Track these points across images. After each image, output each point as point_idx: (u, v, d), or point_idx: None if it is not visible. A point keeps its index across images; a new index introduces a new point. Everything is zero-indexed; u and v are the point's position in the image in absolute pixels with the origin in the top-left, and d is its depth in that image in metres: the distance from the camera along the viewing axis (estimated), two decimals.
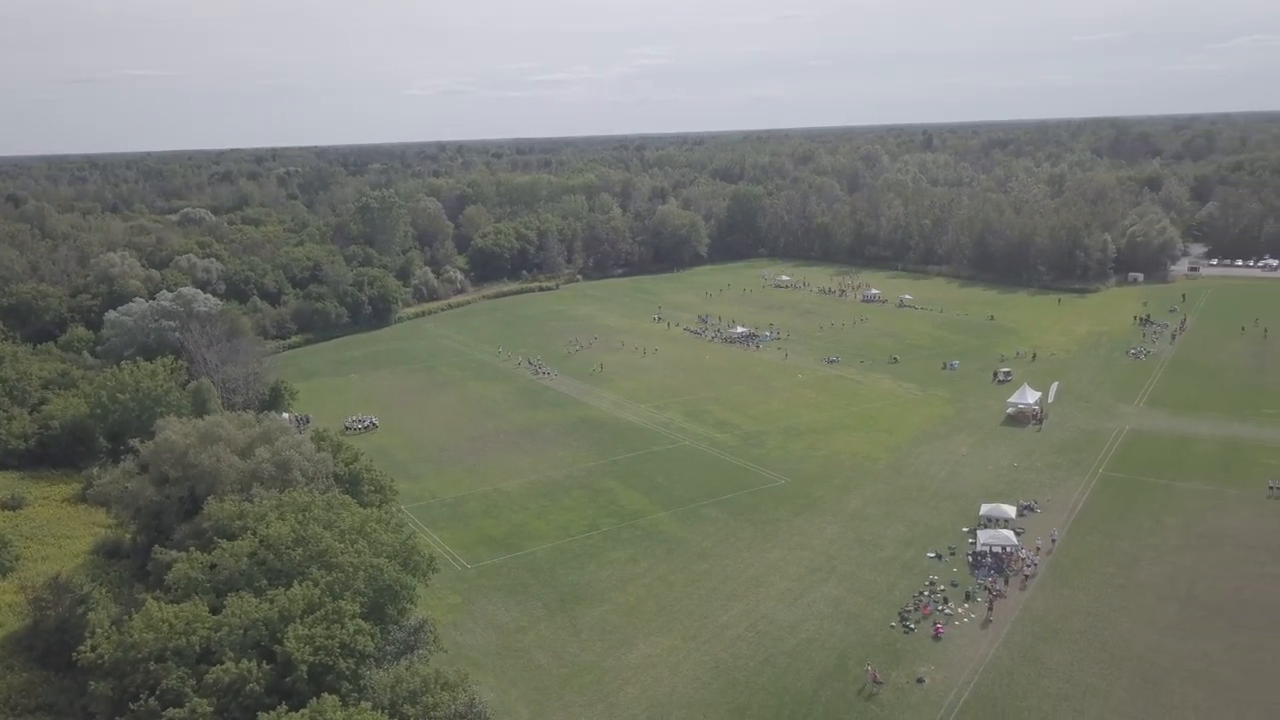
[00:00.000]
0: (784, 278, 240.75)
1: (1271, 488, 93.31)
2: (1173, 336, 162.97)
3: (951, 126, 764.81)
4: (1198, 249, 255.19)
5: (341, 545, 62.61)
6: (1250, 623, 69.83)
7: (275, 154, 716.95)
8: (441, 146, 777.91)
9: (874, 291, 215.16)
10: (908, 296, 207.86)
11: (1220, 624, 69.87)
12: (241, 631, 55.05)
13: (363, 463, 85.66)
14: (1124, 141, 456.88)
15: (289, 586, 58.85)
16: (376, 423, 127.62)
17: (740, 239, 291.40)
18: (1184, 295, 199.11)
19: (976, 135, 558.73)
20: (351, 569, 60.18)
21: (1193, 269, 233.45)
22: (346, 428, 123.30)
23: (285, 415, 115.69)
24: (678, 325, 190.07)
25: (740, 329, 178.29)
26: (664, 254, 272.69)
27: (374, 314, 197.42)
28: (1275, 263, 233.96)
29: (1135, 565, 79.51)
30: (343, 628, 55.42)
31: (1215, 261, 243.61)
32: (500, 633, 72.78)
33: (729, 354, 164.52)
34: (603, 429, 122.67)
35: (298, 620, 55.69)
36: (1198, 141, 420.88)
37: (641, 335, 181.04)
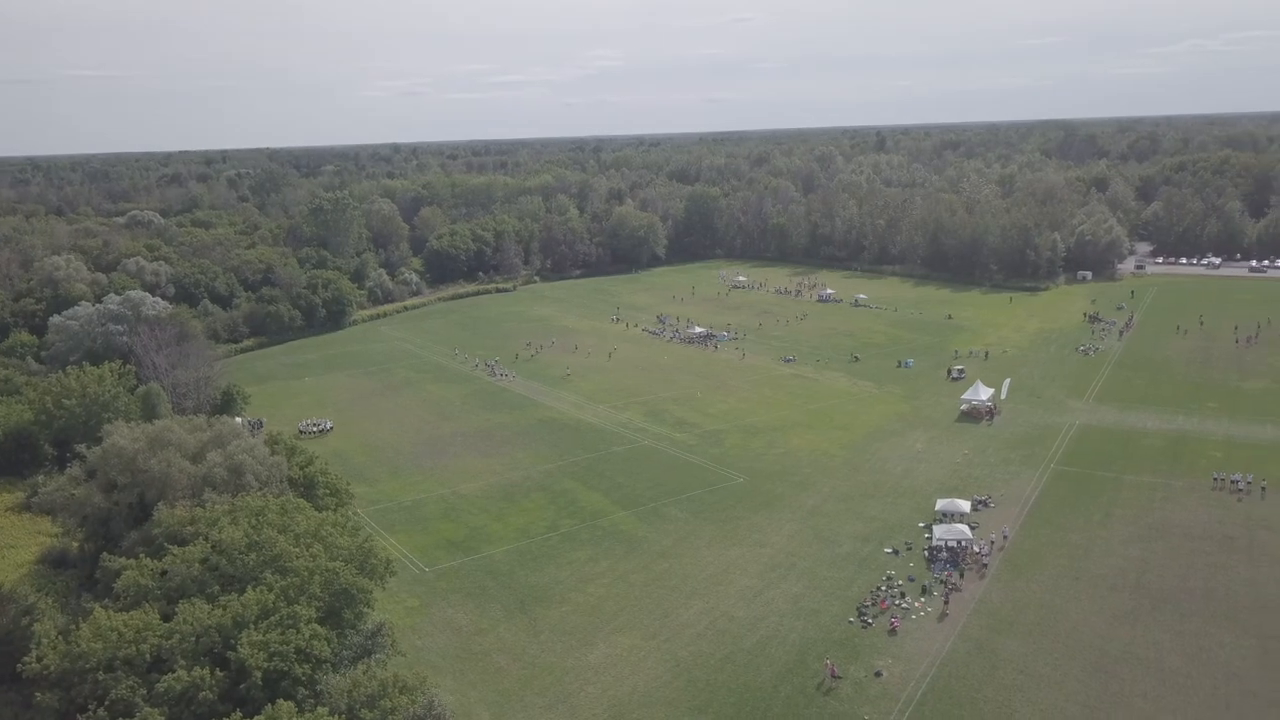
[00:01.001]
0: (741, 278, 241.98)
1: (1216, 479, 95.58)
2: (1120, 333, 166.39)
3: (904, 128, 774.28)
4: (1144, 247, 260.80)
5: (296, 549, 61.68)
6: (1196, 611, 71.42)
7: (225, 156, 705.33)
8: (396, 148, 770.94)
9: (829, 291, 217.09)
10: (863, 296, 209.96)
11: (1168, 612, 71.38)
12: (194, 639, 54.04)
13: (318, 466, 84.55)
14: (1072, 143, 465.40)
15: (243, 592, 57.89)
16: (331, 426, 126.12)
17: (697, 240, 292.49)
18: (1132, 292, 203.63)
19: (929, 137, 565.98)
20: (307, 573, 59.34)
21: (1139, 267, 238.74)
22: (301, 431, 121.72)
23: (238, 419, 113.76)
24: (636, 326, 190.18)
25: (698, 329, 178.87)
26: (622, 255, 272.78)
27: (328, 317, 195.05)
28: (1218, 260, 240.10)
29: (1086, 557, 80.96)
30: (298, 633, 54.64)
31: (1160, 260, 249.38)
32: (459, 635, 72.24)
33: (687, 354, 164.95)
34: (562, 430, 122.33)
35: (252, 626, 54.79)
36: (1142, 143, 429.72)
37: (600, 336, 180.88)
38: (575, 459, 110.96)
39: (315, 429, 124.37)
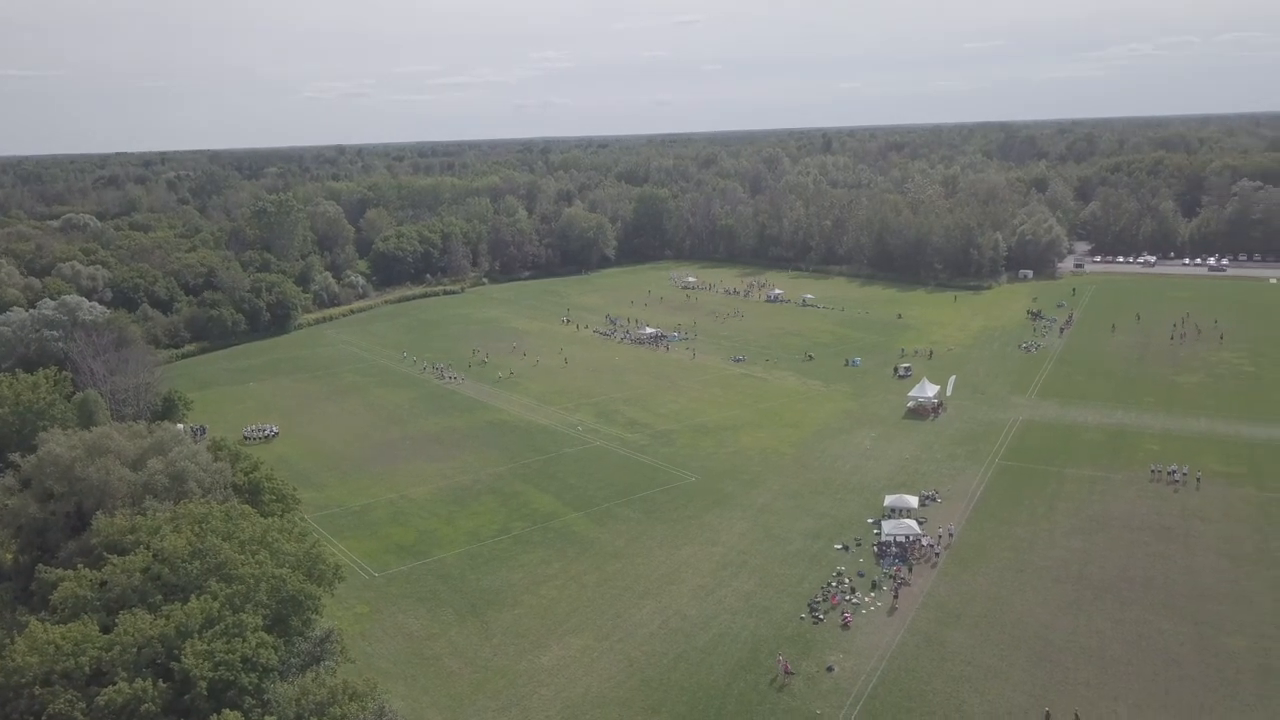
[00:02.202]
0: (691, 279, 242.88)
1: (1153, 471, 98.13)
2: (1061, 330, 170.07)
3: (850, 130, 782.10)
4: (1082, 246, 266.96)
5: (242, 557, 60.50)
6: (1136, 599, 73.23)
7: (164, 158, 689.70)
8: (341, 149, 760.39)
9: (778, 291, 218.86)
10: (810, 296, 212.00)
11: (1109, 602, 73.08)
12: (135, 650, 52.69)
13: (263, 472, 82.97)
14: (1012, 144, 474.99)
15: (186, 601, 56.57)
16: (277, 431, 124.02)
17: (647, 241, 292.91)
18: (1074, 290, 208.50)
19: (874, 138, 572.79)
20: (253, 580, 58.21)
21: (1078, 266, 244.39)
22: (246, 437, 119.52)
23: (180, 426, 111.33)
24: (586, 327, 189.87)
25: (649, 330, 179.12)
26: (571, 256, 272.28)
27: (273, 320, 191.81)
28: (1153, 259, 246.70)
29: (1030, 549, 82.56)
30: (244, 641, 53.57)
31: (1099, 258, 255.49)
32: (410, 640, 71.46)
33: (638, 354, 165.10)
34: (512, 432, 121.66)
35: (196, 635, 53.59)
36: (1080, 144, 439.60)
37: (550, 337, 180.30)
38: (526, 461, 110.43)
39: (260, 435, 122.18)
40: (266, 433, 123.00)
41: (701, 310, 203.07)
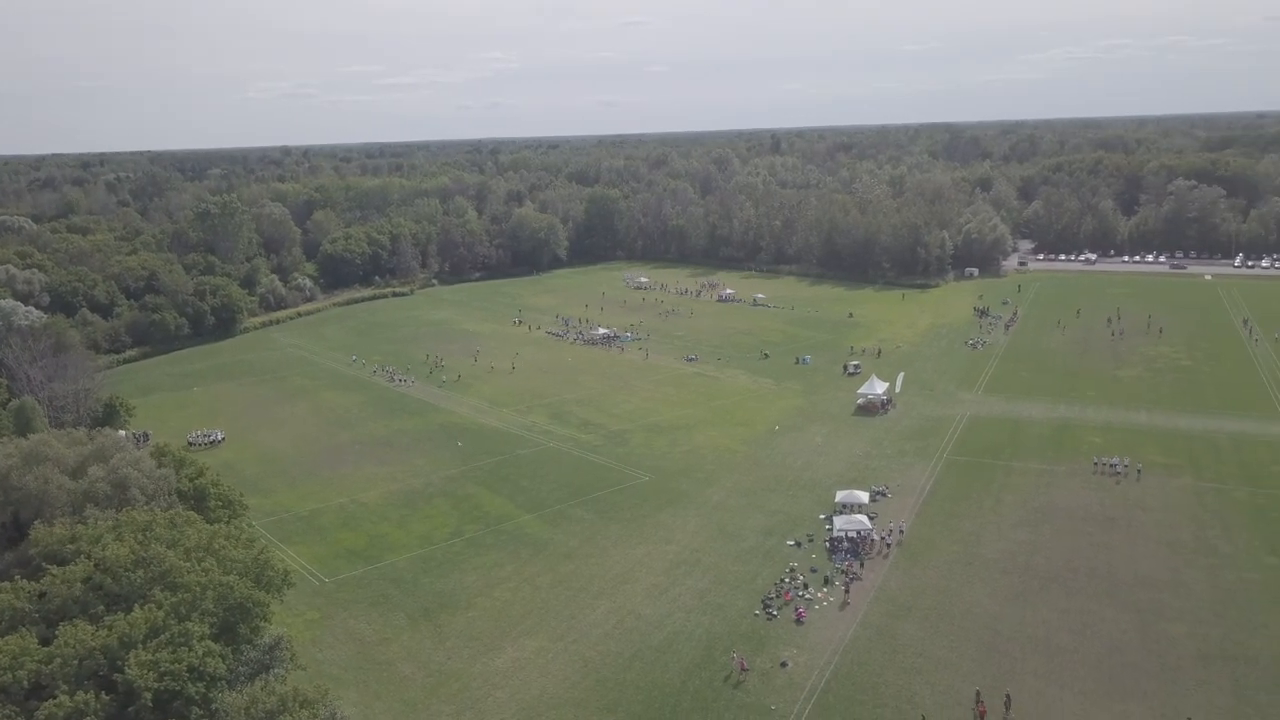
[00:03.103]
0: (643, 279, 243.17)
1: (1096, 463, 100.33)
2: (1006, 327, 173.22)
3: (798, 131, 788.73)
4: (1026, 245, 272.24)
5: (187, 564, 59.34)
6: (1081, 589, 74.79)
7: (103, 159, 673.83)
8: (287, 151, 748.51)
9: (729, 291, 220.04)
10: (761, 295, 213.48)
11: (1055, 591, 74.55)
12: (76, 662, 51.40)
13: (209, 478, 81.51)
14: (957, 144, 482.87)
15: (130, 611, 55.35)
16: (223, 437, 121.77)
17: (598, 241, 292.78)
18: (1019, 286, 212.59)
19: (822, 139, 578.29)
20: (199, 588, 57.13)
21: (1022, 263, 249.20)
22: (190, 443, 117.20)
23: (122, 433, 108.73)
24: (539, 328, 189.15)
25: (602, 330, 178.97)
26: (522, 257, 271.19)
27: (218, 324, 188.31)
28: (1094, 256, 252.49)
29: (978, 542, 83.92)
30: (190, 650, 52.56)
31: (1042, 256, 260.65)
32: (362, 646, 70.58)
33: (591, 355, 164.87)
34: (464, 435, 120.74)
35: (140, 646, 52.47)
36: (1022, 145, 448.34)
37: (502, 339, 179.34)
38: (479, 463, 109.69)
39: (205, 440, 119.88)
40: (212, 438, 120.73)
41: (654, 310, 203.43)
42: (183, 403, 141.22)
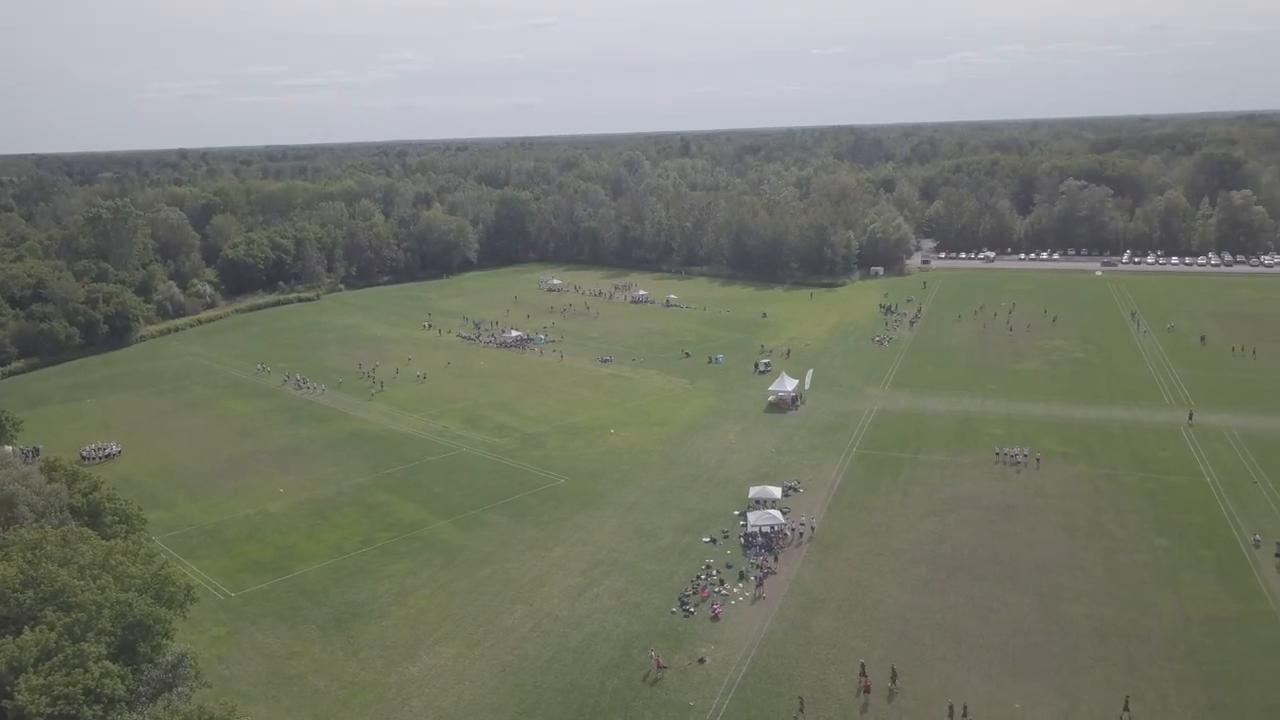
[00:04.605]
0: (555, 281, 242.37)
1: (998, 454, 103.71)
2: (911, 324, 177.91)
3: (707, 134, 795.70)
4: (928, 243, 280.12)
5: (82, 582, 56.70)
6: (985, 575, 77.20)
7: None
8: (184, 154, 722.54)
9: (642, 292, 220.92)
10: (674, 296, 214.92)
11: (961, 578, 76.79)
12: None
13: (104, 492, 78.06)
14: (861, 146, 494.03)
15: (19, 633, 52.67)
16: (119, 450, 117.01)
17: (510, 244, 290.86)
18: (924, 284, 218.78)
19: (731, 142, 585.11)
20: (95, 607, 54.66)
21: (925, 262, 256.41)
22: (84, 457, 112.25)
23: (8, 448, 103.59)
24: (450, 332, 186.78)
25: (514, 333, 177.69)
26: (432, 260, 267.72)
27: (111, 333, 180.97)
28: (993, 254, 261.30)
29: (888, 533, 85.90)
30: (86, 672, 50.22)
31: (944, 255, 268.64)
32: (271, 660, 68.57)
33: (504, 358, 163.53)
34: (374, 442, 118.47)
35: (31, 669, 49.95)
36: (923, 147, 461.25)
37: (411, 344, 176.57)
38: (389, 471, 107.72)
39: (100, 454, 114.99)
40: (107, 451, 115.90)
41: (567, 312, 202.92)
42: (75, 415, 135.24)
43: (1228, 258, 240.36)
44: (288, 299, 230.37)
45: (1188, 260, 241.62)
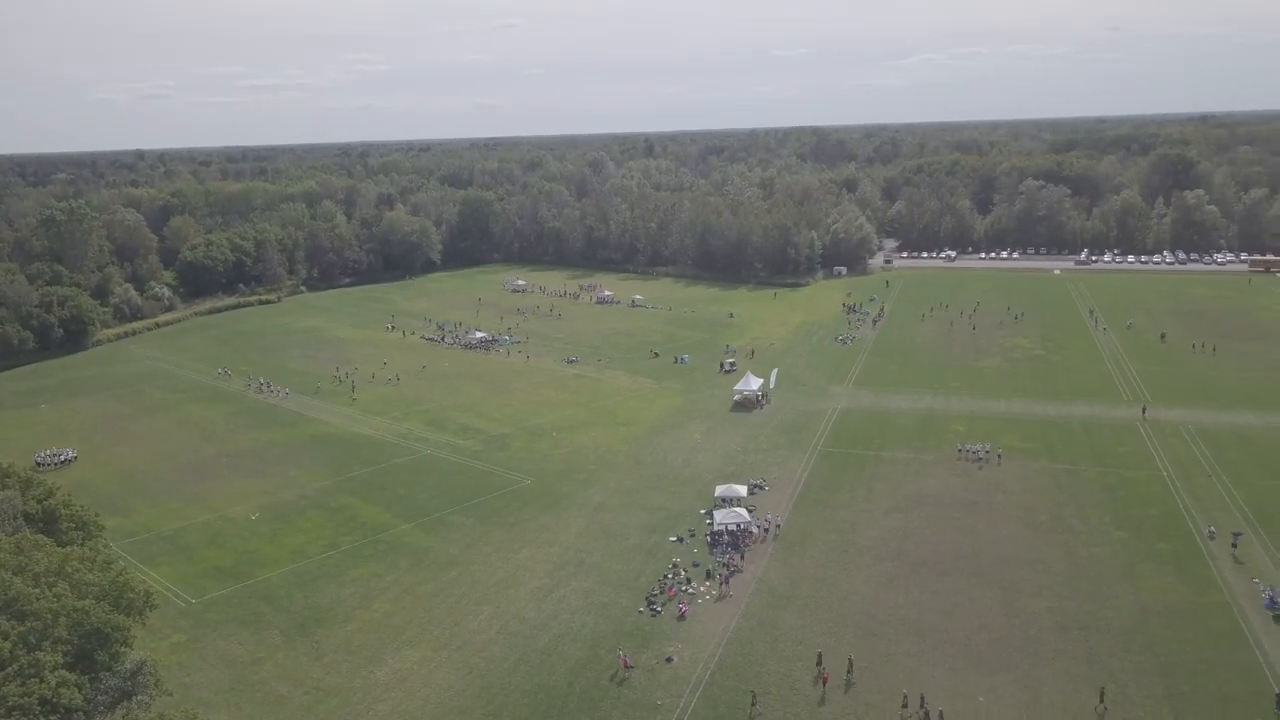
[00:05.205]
0: (520, 282, 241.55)
1: (960, 450, 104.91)
2: (874, 322, 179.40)
3: (671, 134, 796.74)
4: (891, 243, 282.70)
5: (37, 590, 55.68)
6: (949, 570, 78.04)
7: None
8: (141, 155, 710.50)
9: (607, 293, 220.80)
10: (639, 297, 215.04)
11: (925, 574, 77.55)
12: None
13: (60, 498, 76.56)
14: (824, 147, 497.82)
15: None
16: (75, 456, 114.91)
17: (474, 244, 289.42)
18: (887, 283, 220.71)
19: (694, 142, 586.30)
20: (50, 615, 53.69)
21: (887, 261, 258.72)
22: (39, 464, 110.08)
23: None
24: (413, 333, 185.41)
25: (479, 334, 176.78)
26: (395, 261, 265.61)
27: (66, 337, 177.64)
28: (954, 254, 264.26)
29: (853, 530, 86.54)
30: (42, 682, 49.42)
31: (906, 254, 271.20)
32: (233, 667, 67.63)
33: (469, 359, 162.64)
34: (337, 445, 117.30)
35: None
36: (885, 147, 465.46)
37: (374, 346, 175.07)
38: (353, 474, 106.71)
39: (55, 460, 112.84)
40: (63, 457, 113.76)
41: (532, 313, 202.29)
42: (29, 421, 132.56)
43: (1182, 256, 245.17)
44: (248, 301, 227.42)
45: (1143, 259, 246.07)
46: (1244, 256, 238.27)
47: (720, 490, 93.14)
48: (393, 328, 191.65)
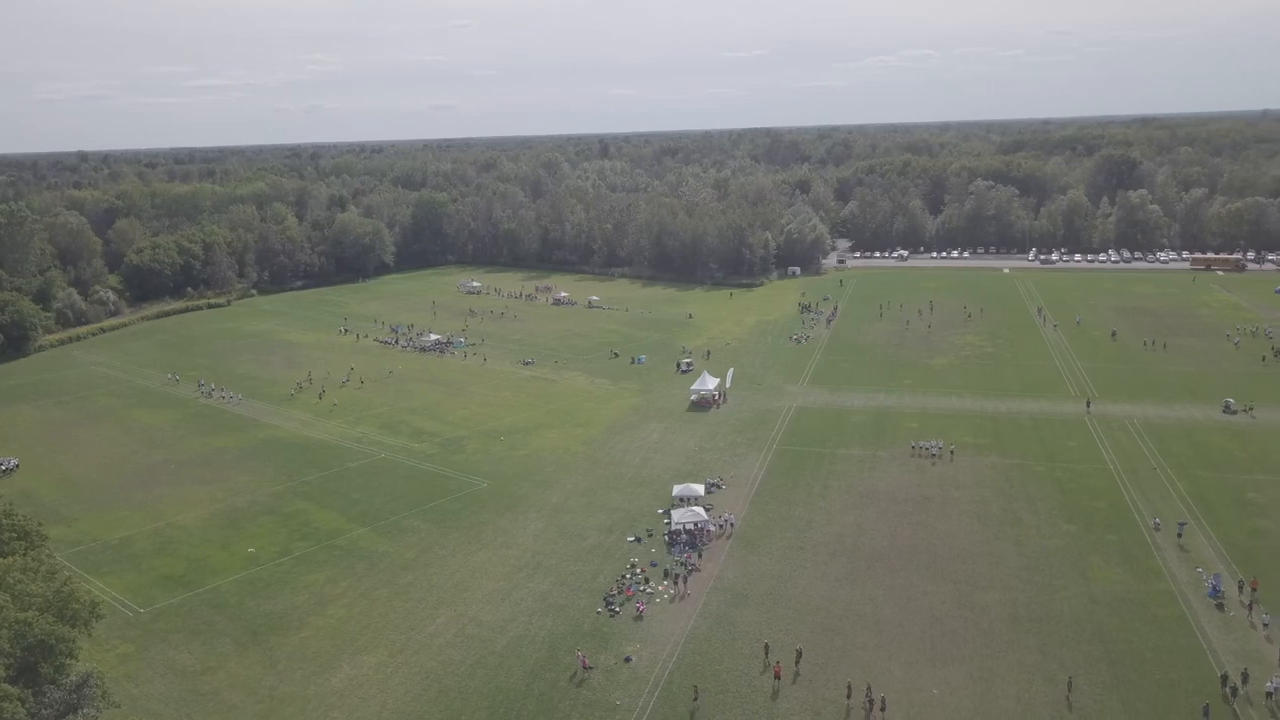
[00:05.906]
0: (475, 284, 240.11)
1: (913, 447, 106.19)
2: (828, 322, 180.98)
3: (626, 136, 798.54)
4: (844, 243, 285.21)
5: None
6: (904, 565, 78.92)
7: None
8: (84, 156, 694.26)
9: (564, 294, 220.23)
10: (595, 298, 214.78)
11: (880, 570, 78.34)
12: None
13: (0, 507, 74.52)
14: (777, 148, 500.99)
15: None
16: (17, 464, 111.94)
17: (427, 246, 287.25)
18: (840, 282, 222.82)
19: (649, 144, 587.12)
20: None
21: (841, 261, 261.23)
22: None
23: None
24: (367, 336, 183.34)
25: (433, 336, 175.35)
26: (347, 264, 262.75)
27: (7, 343, 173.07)
28: (906, 253, 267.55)
29: (809, 527, 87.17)
30: None
31: (859, 254, 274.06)
32: (184, 677, 66.30)
33: (423, 362, 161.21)
34: (290, 450, 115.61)
35: None
36: (838, 149, 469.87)
37: (327, 349, 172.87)
38: (306, 479, 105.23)
39: None
40: (4, 466, 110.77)
41: (488, 315, 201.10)
42: None
43: (1127, 254, 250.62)
44: (197, 305, 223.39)
45: (1090, 257, 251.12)
46: (1185, 255, 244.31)
47: (678, 490, 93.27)
48: (346, 331, 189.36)
